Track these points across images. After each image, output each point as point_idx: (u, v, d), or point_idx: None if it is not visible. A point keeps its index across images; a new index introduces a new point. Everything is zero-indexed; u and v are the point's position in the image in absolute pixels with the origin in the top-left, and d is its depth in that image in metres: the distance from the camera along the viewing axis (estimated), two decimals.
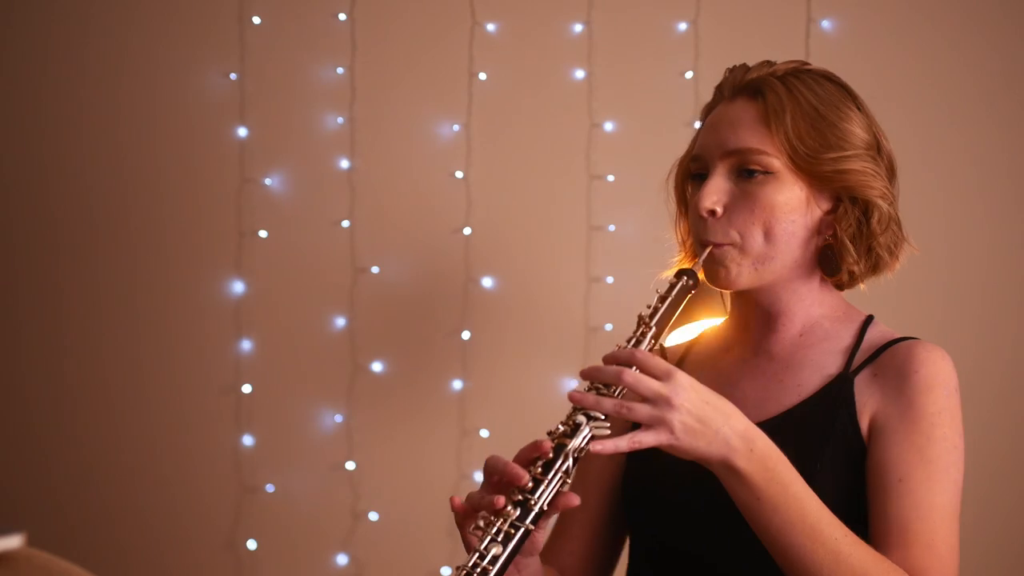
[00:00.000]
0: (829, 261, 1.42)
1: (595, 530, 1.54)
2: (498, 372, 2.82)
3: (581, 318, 2.80)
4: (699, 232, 1.41)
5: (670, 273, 1.52)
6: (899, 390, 1.36)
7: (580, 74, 2.77)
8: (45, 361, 2.88)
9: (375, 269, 2.83)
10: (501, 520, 1.23)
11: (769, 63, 1.45)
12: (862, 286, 1.47)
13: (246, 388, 2.85)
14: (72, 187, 2.87)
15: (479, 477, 2.80)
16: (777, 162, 1.38)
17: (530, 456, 1.26)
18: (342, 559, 2.83)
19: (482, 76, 2.81)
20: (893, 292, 2.73)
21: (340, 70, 2.83)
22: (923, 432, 1.33)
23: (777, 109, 1.39)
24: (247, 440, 2.85)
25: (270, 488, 2.85)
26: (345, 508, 2.84)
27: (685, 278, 1.37)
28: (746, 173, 1.39)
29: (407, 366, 2.84)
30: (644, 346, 1.32)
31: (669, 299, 1.36)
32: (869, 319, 1.47)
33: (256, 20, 2.84)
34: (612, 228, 2.81)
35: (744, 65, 1.46)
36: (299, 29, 2.85)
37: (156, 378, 2.86)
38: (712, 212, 1.39)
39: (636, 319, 1.35)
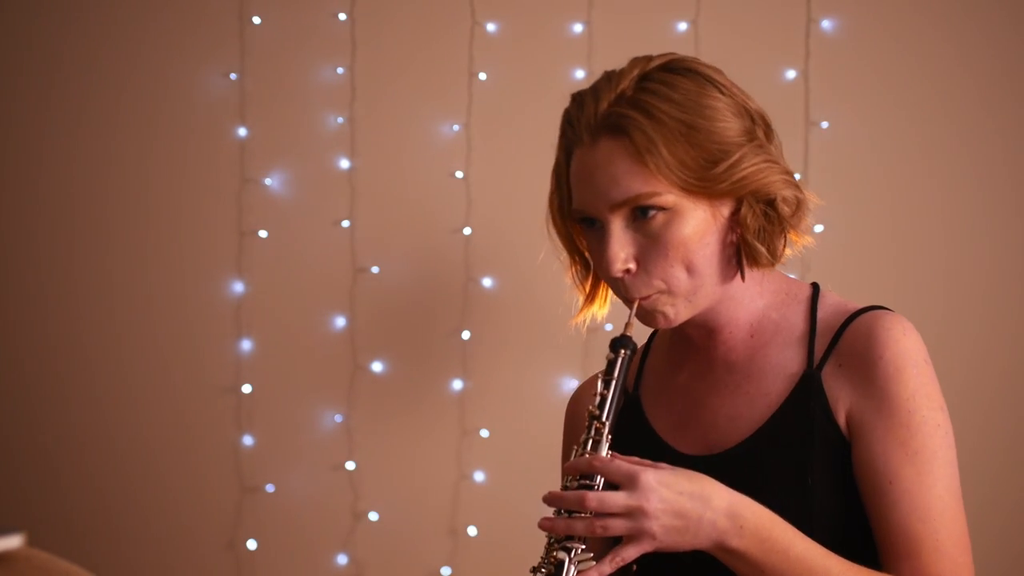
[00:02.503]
0: (743, 259, 1.33)
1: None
2: (498, 372, 2.82)
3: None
4: (619, 291, 1.34)
5: (583, 318, 1.49)
6: (868, 380, 1.29)
7: (580, 74, 2.77)
8: (44, 361, 2.88)
9: (375, 269, 2.83)
10: None
11: (610, 79, 1.32)
12: (781, 262, 1.37)
13: (246, 388, 2.84)
14: (72, 187, 2.87)
15: (479, 477, 2.80)
16: (670, 197, 1.27)
17: None
18: (342, 559, 2.83)
19: (482, 76, 2.81)
20: (892, 292, 2.74)
21: (340, 70, 2.83)
22: (902, 422, 1.27)
23: (647, 146, 1.26)
24: (247, 440, 2.85)
25: (270, 488, 2.85)
26: (345, 508, 2.84)
27: (623, 350, 1.29)
28: (641, 213, 1.28)
29: (407, 366, 2.84)
30: (603, 447, 1.25)
31: (614, 381, 1.27)
32: (815, 293, 1.39)
33: (256, 20, 2.84)
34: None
35: (592, 94, 1.34)
36: (299, 29, 2.85)
37: (156, 378, 2.86)
38: (627, 270, 1.30)
39: (586, 415, 1.27)
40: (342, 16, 2.82)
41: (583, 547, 1.21)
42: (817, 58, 2.75)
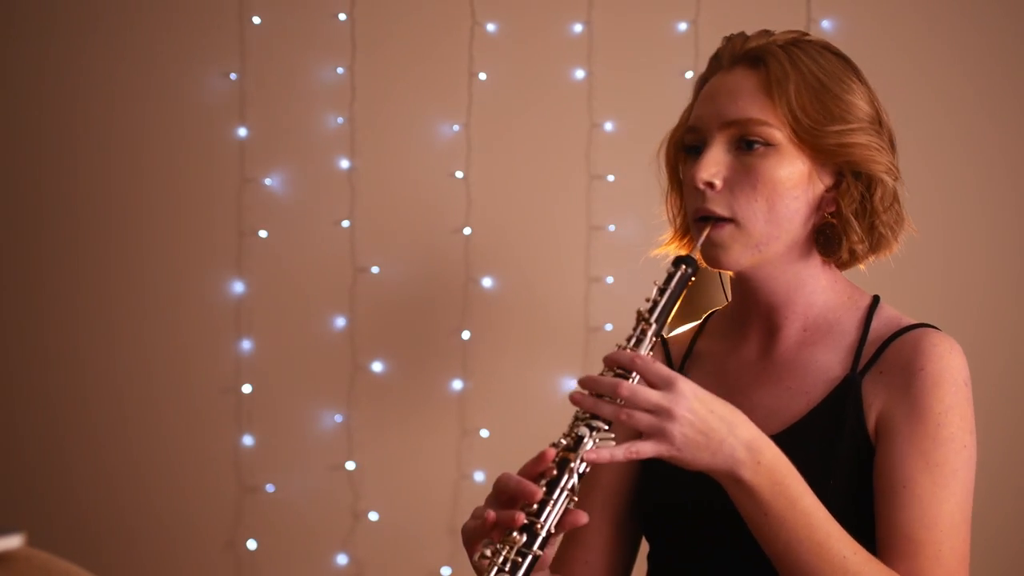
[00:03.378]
0: (829, 240, 1.35)
1: (609, 537, 1.46)
2: (498, 372, 2.82)
3: (581, 318, 2.80)
4: (696, 205, 1.33)
5: (662, 252, 1.46)
6: (905, 388, 1.29)
7: (580, 74, 2.77)
8: (44, 361, 2.88)
9: (375, 269, 2.83)
10: (507, 548, 1.19)
11: (768, 32, 1.40)
12: (862, 267, 1.40)
13: (246, 388, 2.84)
14: (72, 187, 2.87)
15: (479, 477, 2.80)
16: (779, 134, 1.31)
17: (535, 470, 1.22)
18: (342, 559, 2.83)
19: (482, 76, 2.81)
20: (891, 291, 2.74)
21: (340, 70, 2.83)
22: (928, 434, 1.26)
23: (780, 78, 1.32)
24: (247, 440, 2.85)
25: (270, 488, 2.85)
26: (345, 508, 2.84)
27: (684, 267, 1.28)
28: (746, 145, 1.31)
29: (407, 366, 2.84)
30: (645, 347, 1.24)
31: (668, 291, 1.27)
32: (875, 303, 1.40)
33: (256, 20, 2.84)
34: (612, 228, 2.80)
35: (743, 33, 1.41)
36: (299, 29, 2.85)
37: (156, 378, 2.86)
38: (711, 184, 1.31)
39: (635, 315, 1.27)
40: (342, 16, 2.82)
41: (606, 427, 1.20)
42: None
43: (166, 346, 2.86)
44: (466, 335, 2.81)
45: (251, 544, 2.85)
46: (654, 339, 1.26)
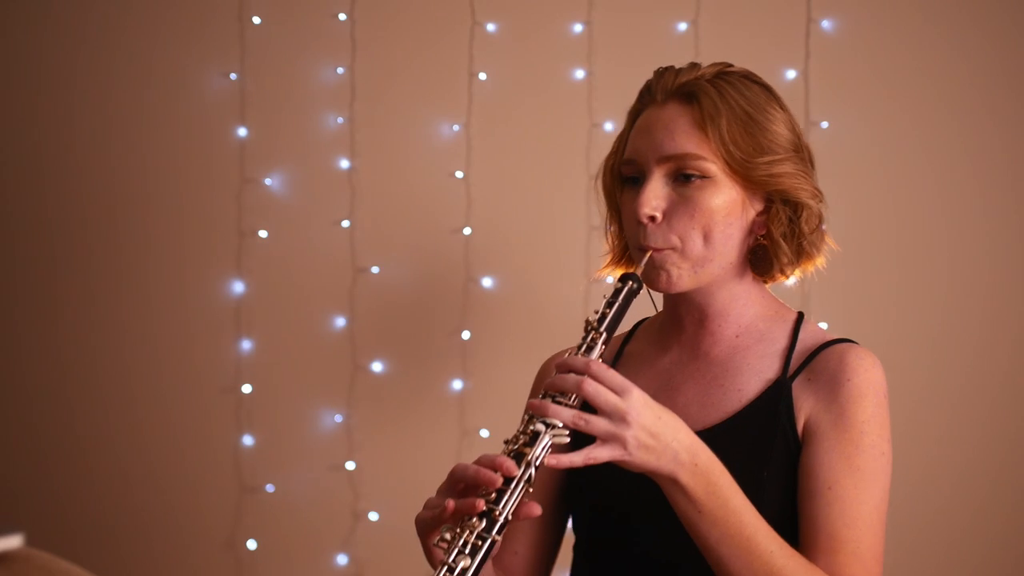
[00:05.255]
0: (762, 260, 1.46)
1: (539, 529, 1.58)
2: (498, 372, 2.82)
3: (581, 318, 2.79)
4: (638, 237, 1.43)
5: (606, 274, 1.59)
6: (832, 397, 1.40)
7: (580, 74, 2.77)
8: (44, 361, 2.88)
9: (375, 269, 2.83)
10: (467, 532, 1.26)
11: (695, 65, 1.47)
12: (786, 279, 1.50)
13: (246, 388, 2.85)
14: (71, 187, 2.87)
15: None
16: (714, 167, 1.40)
17: (490, 467, 1.28)
18: (342, 559, 2.83)
19: (482, 76, 2.81)
20: (893, 291, 2.74)
21: (340, 70, 2.83)
22: (852, 440, 1.38)
23: (712, 114, 1.40)
24: (247, 440, 2.85)
25: (270, 488, 2.85)
26: (345, 508, 2.84)
27: (631, 282, 1.39)
28: (683, 177, 1.41)
29: (407, 366, 2.84)
30: (595, 353, 1.33)
31: (616, 304, 1.37)
32: (800, 317, 1.51)
33: (256, 20, 2.84)
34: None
35: (672, 68, 1.49)
36: (299, 29, 2.85)
37: (156, 378, 2.86)
38: (652, 218, 1.41)
39: (584, 324, 1.36)
40: (342, 16, 2.82)
41: (560, 424, 1.26)
42: (817, 58, 2.75)
43: (166, 346, 2.86)
44: (466, 335, 2.82)
45: (251, 544, 2.85)
46: (603, 348, 1.35)
